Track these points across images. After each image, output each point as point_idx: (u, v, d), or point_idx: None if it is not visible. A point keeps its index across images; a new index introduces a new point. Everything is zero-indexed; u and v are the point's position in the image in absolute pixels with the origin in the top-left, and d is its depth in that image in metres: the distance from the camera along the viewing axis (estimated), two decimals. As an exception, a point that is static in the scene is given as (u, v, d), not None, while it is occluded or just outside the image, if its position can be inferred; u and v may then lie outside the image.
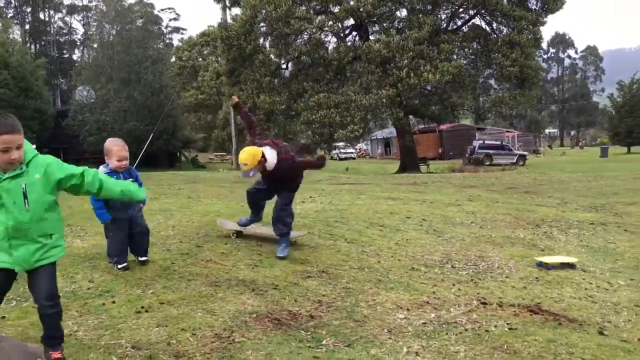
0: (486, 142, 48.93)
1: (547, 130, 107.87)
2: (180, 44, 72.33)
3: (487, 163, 41.34)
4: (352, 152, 68.31)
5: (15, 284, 3.28)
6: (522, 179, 19.51)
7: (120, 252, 5.14)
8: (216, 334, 3.96)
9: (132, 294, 4.57)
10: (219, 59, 50.21)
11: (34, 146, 3.12)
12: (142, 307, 4.29)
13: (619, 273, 6.56)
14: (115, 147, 4.99)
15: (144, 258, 5.34)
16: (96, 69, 42.79)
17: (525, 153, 47.82)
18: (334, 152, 58.94)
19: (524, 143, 65.97)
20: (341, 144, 54.74)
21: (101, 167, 5.00)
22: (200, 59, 66.65)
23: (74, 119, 40.55)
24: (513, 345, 4.14)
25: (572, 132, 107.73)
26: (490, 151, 44.17)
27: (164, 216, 7.83)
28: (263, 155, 5.79)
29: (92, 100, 40.04)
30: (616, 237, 8.31)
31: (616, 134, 58.44)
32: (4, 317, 4.04)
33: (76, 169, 3.13)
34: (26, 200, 2.93)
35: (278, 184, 6.20)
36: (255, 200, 6.48)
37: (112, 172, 4.96)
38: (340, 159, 61.52)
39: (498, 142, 49.35)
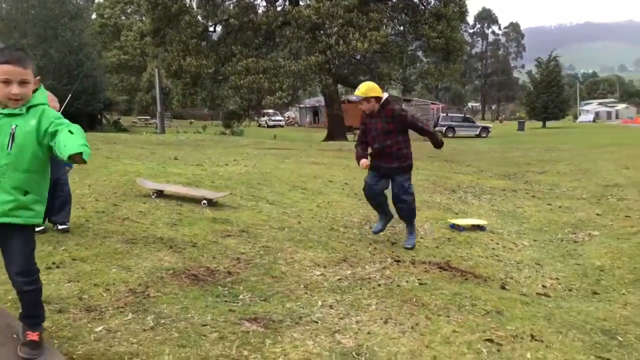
0: (449, 114, 48.65)
1: (470, 104, 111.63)
2: (102, 0, 68.77)
3: (450, 135, 40.84)
4: (280, 120, 68.00)
5: None
6: (443, 149, 20.21)
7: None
8: (130, 289, 3.94)
9: (42, 251, 4.44)
10: (144, 18, 48.24)
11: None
12: (53, 263, 4.19)
13: (524, 235, 7.00)
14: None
15: (63, 227, 4.99)
16: (8, 23, 40.09)
17: (489, 125, 47.45)
18: (262, 119, 58.49)
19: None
20: (270, 111, 54.37)
21: None
22: (124, 18, 63.71)
23: (-16, 75, 37.96)
24: (422, 298, 4.36)
25: (494, 106, 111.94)
26: (454, 123, 43.99)
27: (80, 175, 7.57)
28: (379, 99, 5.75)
29: (4, 56, 37.54)
30: (524, 202, 8.83)
31: (533, 109, 61.29)
32: None
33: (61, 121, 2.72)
34: (11, 143, 2.60)
35: (388, 160, 5.85)
36: (377, 194, 6.05)
37: None
38: (269, 127, 61.15)
39: (461, 115, 48.76)
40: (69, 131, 2.56)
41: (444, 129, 42.55)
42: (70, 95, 23.97)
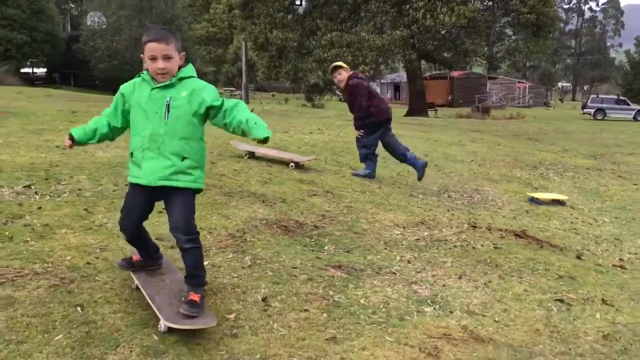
0: (600, 95, 44.50)
1: (559, 84, 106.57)
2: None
3: (600, 118, 37.54)
4: (361, 95, 67.89)
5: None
6: (528, 128, 19.75)
7: None
8: (230, 234, 4.43)
9: (153, 198, 5.01)
10: (233, -9, 49.36)
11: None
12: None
13: (606, 212, 6.98)
14: None
15: None
16: (107, -5, 42.36)
17: None
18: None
19: (535, 95, 65.47)
20: (351, 85, 54.43)
21: None
22: (213, -9, 65.39)
23: (85, 44, 40.44)
24: (496, 260, 4.59)
25: (585, 87, 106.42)
26: (604, 105, 39.56)
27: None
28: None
29: (104, 27, 39.81)
30: (609, 181, 8.70)
31: (629, 90, 57.86)
32: (40, 208, 4.48)
33: (221, 100, 2.92)
34: (167, 113, 2.82)
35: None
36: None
37: None
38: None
39: (614, 97, 43.80)
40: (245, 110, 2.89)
41: (593, 111, 38.51)
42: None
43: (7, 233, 3.84)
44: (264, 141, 2.79)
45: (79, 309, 2.98)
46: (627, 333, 3.50)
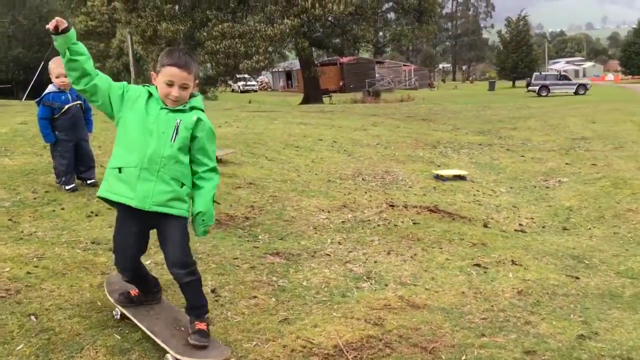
0: (542, 73, 45.15)
1: (441, 65, 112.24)
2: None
3: (544, 94, 38.31)
4: (253, 85, 67.61)
5: None
6: (419, 109, 20.81)
7: (66, 173, 5.25)
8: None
9: (78, 202, 4.93)
10: (110, -18, 47.15)
11: None
12: (92, 212, 4.69)
13: (501, 183, 7.69)
14: (53, 65, 5.11)
15: (92, 181, 5.46)
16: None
17: (588, 82, 43.15)
18: (234, 84, 58.12)
19: (419, 77, 68.58)
20: (246, 75, 54.12)
21: (50, 86, 5.14)
22: (90, -18, 61.96)
23: (-49, 44, 37.15)
24: (417, 234, 5.00)
25: (464, 67, 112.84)
26: (547, 82, 40.46)
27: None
28: None
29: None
30: (500, 155, 9.52)
31: (503, 69, 62.29)
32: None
33: (211, 162, 2.79)
34: (176, 135, 2.65)
35: None
36: None
37: (60, 92, 5.11)
38: (242, 92, 60.80)
39: (556, 73, 44.93)
40: (214, 195, 2.79)
41: (538, 88, 39.43)
42: (42, 63, 23.81)
43: None
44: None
45: (33, 318, 2.96)
46: (537, 288, 4.00)
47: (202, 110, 2.79)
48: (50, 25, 2.58)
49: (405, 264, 4.35)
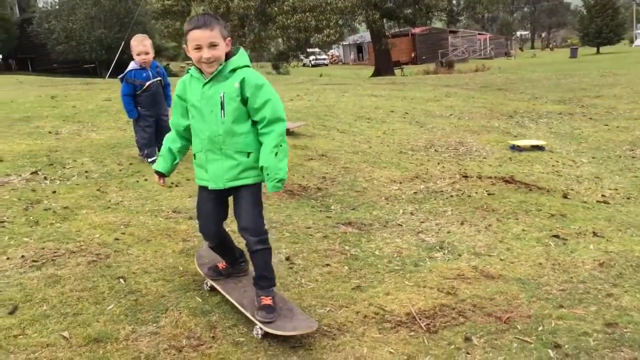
0: None
1: (518, 33, 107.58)
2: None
3: None
4: (324, 59, 67.51)
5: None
6: (495, 79, 20.11)
7: (148, 146, 5.50)
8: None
9: (159, 174, 5.15)
10: (186, -39, 48.10)
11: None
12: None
13: (582, 153, 7.36)
14: (134, 42, 5.33)
15: None
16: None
17: None
18: (305, 59, 58.26)
19: (495, 45, 66.10)
20: (315, 50, 54.12)
21: (131, 64, 5.38)
22: (165, -38, 63.48)
23: (39, 26, 39.12)
24: (491, 205, 4.90)
25: (543, 34, 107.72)
26: None
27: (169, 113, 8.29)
28: None
29: (56, 7, 38.53)
30: (581, 124, 9.09)
31: (586, 35, 58.87)
32: (55, 192, 4.58)
33: (267, 114, 2.64)
34: (223, 111, 2.62)
35: None
36: None
37: (141, 70, 5.34)
38: (313, 66, 60.88)
39: None
40: (275, 147, 2.63)
41: None
42: (123, 43, 24.72)
43: (31, 218, 3.96)
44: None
45: (121, 280, 3.16)
46: (620, 260, 3.84)
47: (247, 66, 2.67)
48: (161, 184, 3.14)
49: (479, 234, 4.29)
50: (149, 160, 5.45)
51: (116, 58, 25.62)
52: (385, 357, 2.59)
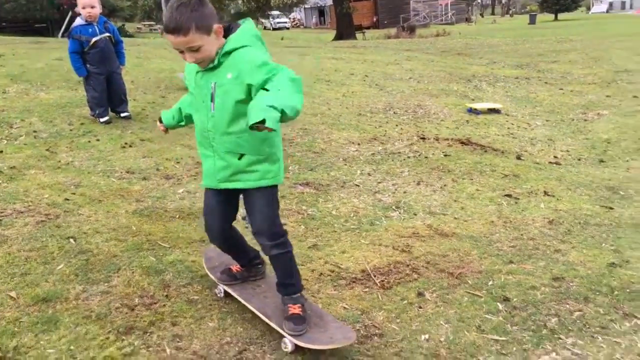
0: None
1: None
2: None
3: None
4: (286, 22, 66.42)
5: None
6: (455, 44, 20.21)
7: (100, 106, 5.32)
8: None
9: (112, 134, 5.02)
10: None
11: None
12: (126, 143, 4.78)
13: (537, 116, 7.50)
14: None
15: (126, 114, 5.53)
16: None
17: None
18: (266, 21, 57.21)
19: (456, 11, 66.22)
20: (275, 12, 53.14)
21: (77, 19, 5.15)
22: None
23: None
24: (447, 166, 4.96)
25: (504, 1, 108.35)
26: None
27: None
28: None
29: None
30: (537, 88, 9.25)
31: (545, 1, 59.46)
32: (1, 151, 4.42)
33: (272, 71, 2.04)
34: (212, 103, 2.19)
35: None
36: None
37: (87, 25, 5.11)
38: (274, 29, 59.82)
39: None
40: (275, 87, 1.99)
41: None
42: (76, 5, 23.77)
43: (-24, 178, 3.82)
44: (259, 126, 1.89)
45: (71, 240, 3.09)
46: (569, 217, 3.96)
47: (245, 46, 2.15)
48: (160, 129, 2.76)
49: (435, 194, 4.34)
50: (101, 120, 5.30)
51: (69, 16, 24.64)
52: (340, 313, 2.62)
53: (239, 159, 2.26)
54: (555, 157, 5.68)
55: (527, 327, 2.53)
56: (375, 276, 3.00)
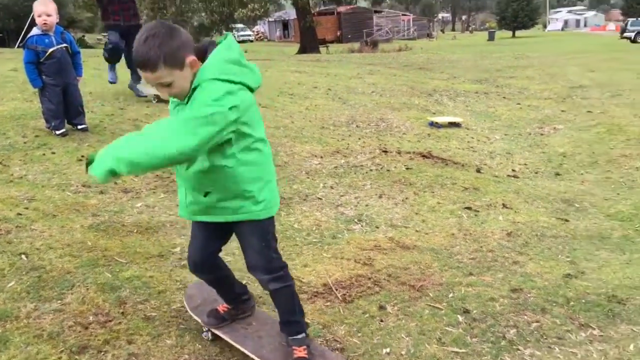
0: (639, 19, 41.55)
1: (440, 15, 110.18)
2: None
3: None
4: (249, 35, 66.38)
5: None
6: (417, 59, 20.51)
7: (55, 118, 5.17)
8: (157, 175, 4.46)
9: (68, 147, 4.89)
10: None
11: None
12: (82, 156, 4.66)
13: (496, 130, 7.65)
14: (36, 4, 4.95)
15: (83, 126, 5.38)
16: None
17: None
18: (230, 34, 56.92)
19: (418, 27, 67.38)
20: (239, 25, 53.08)
21: (34, 29, 5.01)
22: None
23: None
24: (409, 179, 5.00)
25: (464, 17, 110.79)
26: None
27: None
28: None
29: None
30: (496, 103, 9.45)
31: (503, 19, 61.10)
32: None
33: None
34: None
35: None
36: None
37: (44, 35, 4.97)
38: (238, 42, 59.51)
39: None
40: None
41: (634, 34, 37.25)
42: (32, 14, 23.29)
43: None
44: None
45: (23, 256, 2.99)
46: (526, 230, 4.04)
47: (203, 82, 1.89)
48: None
49: (397, 207, 4.37)
50: (57, 132, 5.14)
51: (26, 26, 24.06)
52: (300, 327, 2.59)
53: (205, 196, 2.08)
54: (513, 170, 5.80)
55: (487, 339, 2.55)
56: (337, 290, 2.99)
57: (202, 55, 1.97)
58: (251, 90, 2.04)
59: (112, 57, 6.96)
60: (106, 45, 6.96)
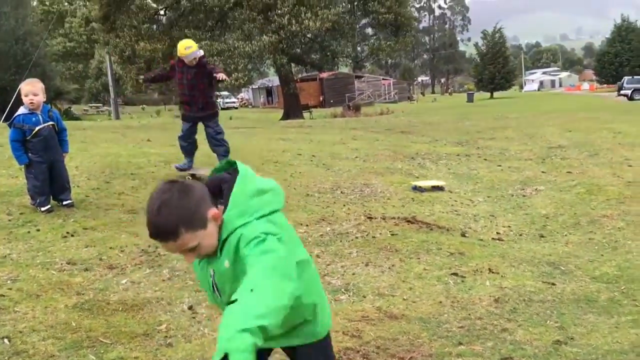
0: (635, 77, 42.64)
1: (419, 78, 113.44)
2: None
3: (638, 98, 36.66)
4: (234, 102, 67.60)
5: None
6: (398, 122, 20.95)
7: (41, 194, 5.18)
8: (143, 250, 4.45)
9: (54, 223, 4.88)
10: (87, 3, 47.16)
11: None
12: (68, 233, 4.64)
13: (479, 192, 7.76)
14: (23, 84, 5.08)
15: (68, 201, 5.38)
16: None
17: None
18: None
19: (399, 90, 69.19)
20: (225, 92, 54.12)
21: (21, 108, 5.10)
22: (67, 4, 61.90)
23: None
24: (395, 246, 5.02)
25: (442, 80, 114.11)
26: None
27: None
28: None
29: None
30: (477, 165, 9.61)
31: (480, 81, 63.11)
32: None
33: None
34: (216, 289, 1.87)
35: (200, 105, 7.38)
36: (190, 140, 7.53)
37: (31, 114, 5.06)
38: (222, 109, 60.52)
39: None
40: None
41: (630, 92, 38.35)
42: (19, 87, 23.58)
43: None
44: None
45: (6, 341, 2.93)
46: (514, 295, 4.05)
47: (238, 227, 1.74)
48: None
49: (383, 275, 4.37)
50: (42, 209, 5.14)
51: (12, 102, 24.33)
52: (290, 407, 2.53)
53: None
54: (497, 233, 5.86)
55: (479, 413, 2.52)
56: (325, 365, 2.94)
57: (217, 195, 1.82)
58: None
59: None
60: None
